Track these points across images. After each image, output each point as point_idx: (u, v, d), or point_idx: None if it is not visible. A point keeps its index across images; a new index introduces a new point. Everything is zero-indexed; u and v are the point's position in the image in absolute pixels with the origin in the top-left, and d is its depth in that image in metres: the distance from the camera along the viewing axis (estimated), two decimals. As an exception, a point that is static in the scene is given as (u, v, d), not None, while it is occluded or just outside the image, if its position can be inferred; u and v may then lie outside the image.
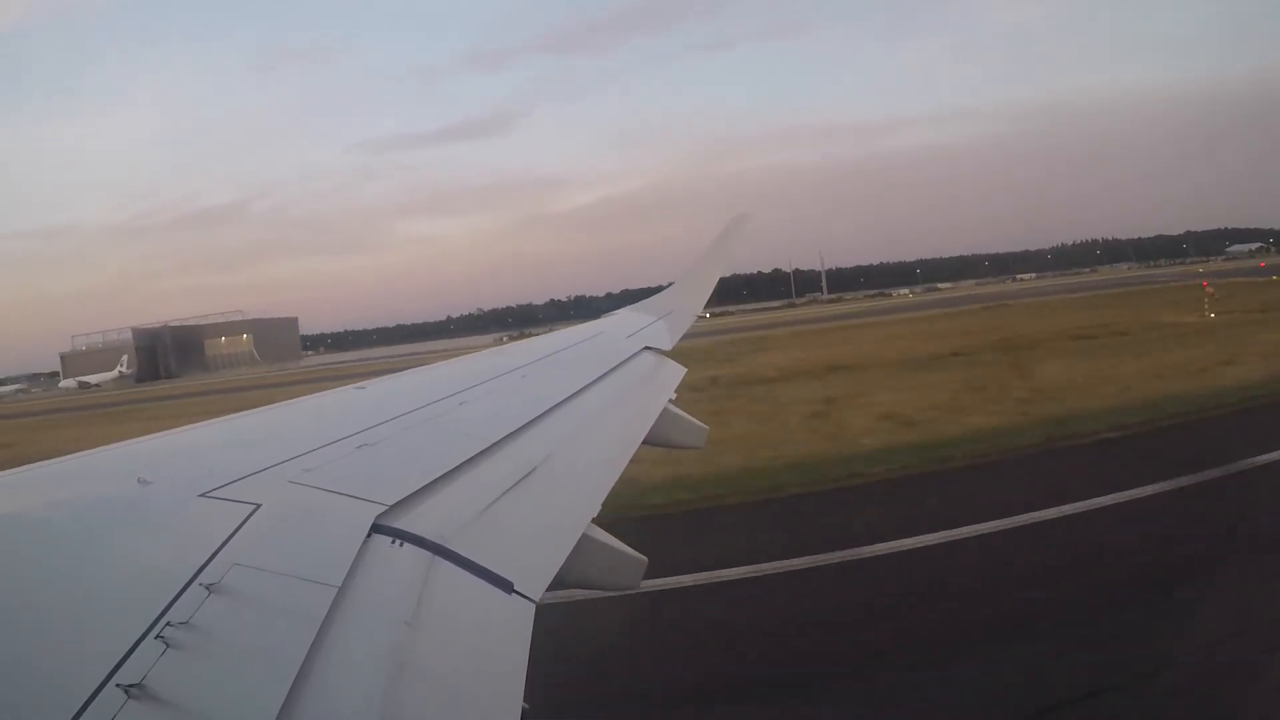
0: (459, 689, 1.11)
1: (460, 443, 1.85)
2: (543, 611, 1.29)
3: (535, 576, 1.38)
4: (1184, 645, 5.06)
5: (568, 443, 2.14)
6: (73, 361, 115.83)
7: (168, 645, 0.91)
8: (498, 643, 1.22)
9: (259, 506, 1.31)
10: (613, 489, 1.92)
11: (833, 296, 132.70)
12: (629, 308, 4.95)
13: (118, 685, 0.83)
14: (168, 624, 0.95)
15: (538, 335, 4.81)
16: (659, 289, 5.49)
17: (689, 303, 4.83)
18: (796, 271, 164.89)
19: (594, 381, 2.84)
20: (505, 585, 1.31)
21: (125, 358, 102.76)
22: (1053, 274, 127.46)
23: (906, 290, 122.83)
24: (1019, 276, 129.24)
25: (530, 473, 1.80)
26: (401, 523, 1.38)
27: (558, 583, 1.44)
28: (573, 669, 4.36)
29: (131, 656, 0.88)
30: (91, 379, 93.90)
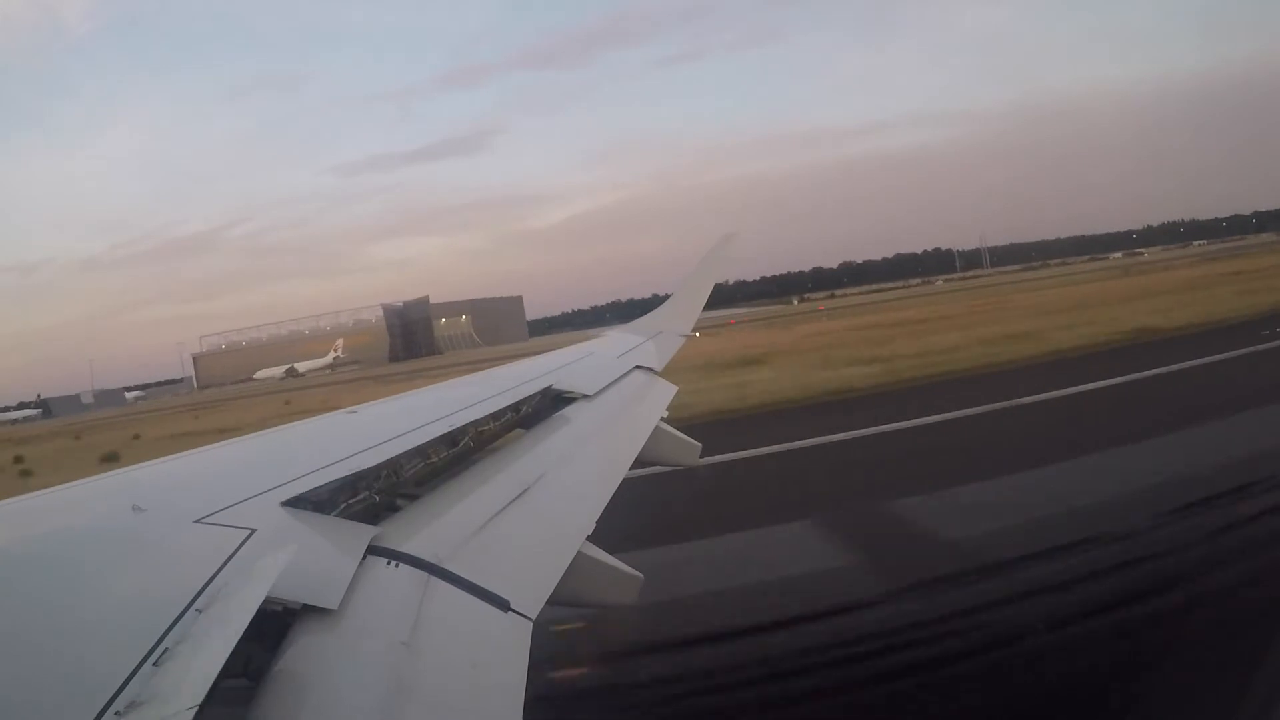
0: (457, 708, 1.11)
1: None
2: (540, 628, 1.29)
3: (531, 594, 1.37)
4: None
5: (562, 461, 2.13)
6: (207, 362, 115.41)
7: None
8: (495, 661, 1.22)
9: (254, 531, 1.31)
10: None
11: (995, 269, 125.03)
12: (619, 327, 4.99)
13: (117, 714, 0.84)
14: (165, 650, 0.95)
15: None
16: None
17: (678, 322, 4.89)
18: (955, 250, 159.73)
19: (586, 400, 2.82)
20: (501, 604, 1.31)
21: (339, 342, 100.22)
22: (1219, 242, 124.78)
23: (1119, 253, 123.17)
24: (1195, 242, 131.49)
25: (524, 492, 1.81)
26: (397, 544, 1.38)
27: (553, 600, 1.43)
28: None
29: (130, 683, 0.89)
30: (301, 366, 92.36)
